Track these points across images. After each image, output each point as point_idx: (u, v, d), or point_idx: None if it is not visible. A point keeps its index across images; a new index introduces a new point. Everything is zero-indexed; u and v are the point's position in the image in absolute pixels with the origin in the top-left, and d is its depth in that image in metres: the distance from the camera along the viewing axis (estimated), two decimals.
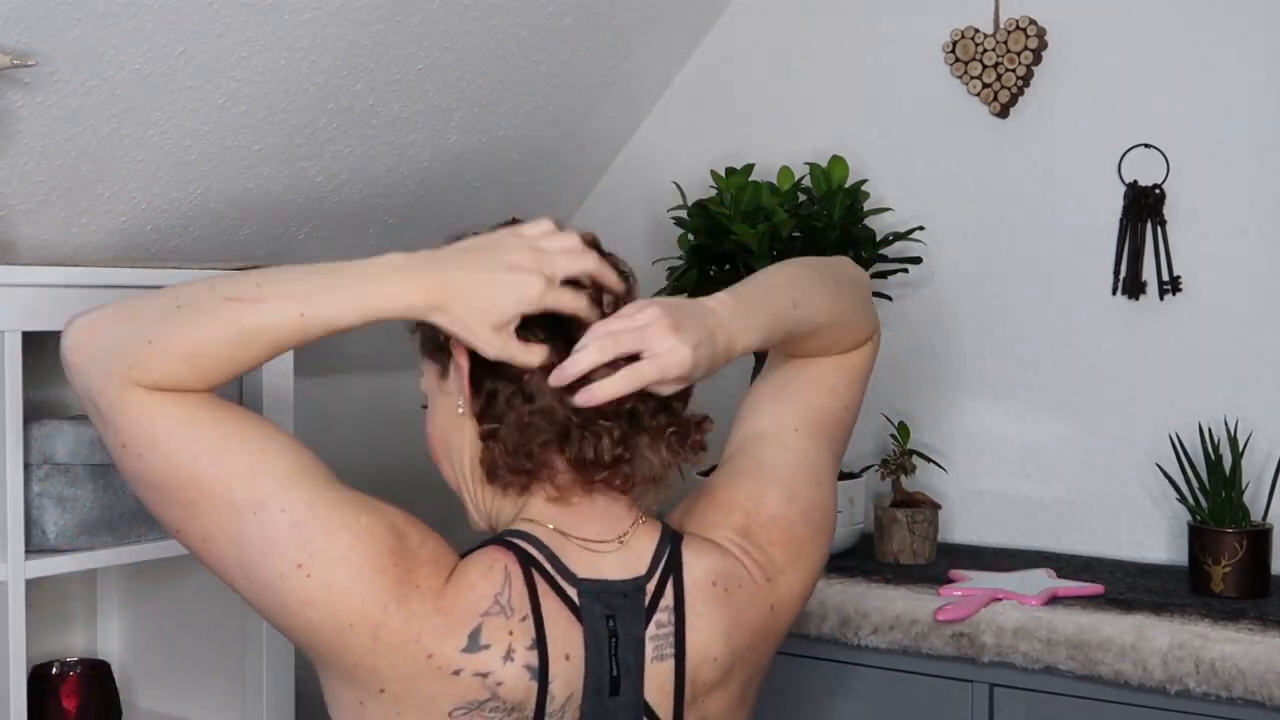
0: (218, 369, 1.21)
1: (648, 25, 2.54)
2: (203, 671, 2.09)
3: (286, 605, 1.20)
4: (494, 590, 1.23)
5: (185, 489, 1.21)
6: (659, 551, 1.32)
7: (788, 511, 1.40)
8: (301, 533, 1.19)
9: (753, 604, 1.36)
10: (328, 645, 1.21)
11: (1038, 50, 2.35)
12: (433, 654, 1.20)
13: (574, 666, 1.25)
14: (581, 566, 1.28)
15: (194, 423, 1.21)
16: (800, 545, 1.40)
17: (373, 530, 1.21)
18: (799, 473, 1.44)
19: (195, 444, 1.21)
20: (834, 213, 2.22)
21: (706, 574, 1.33)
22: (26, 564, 1.76)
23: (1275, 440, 2.17)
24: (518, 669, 1.22)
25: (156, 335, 1.20)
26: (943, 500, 2.37)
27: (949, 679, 1.94)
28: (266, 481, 1.20)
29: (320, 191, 2.31)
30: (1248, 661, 1.73)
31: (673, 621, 1.30)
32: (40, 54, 1.79)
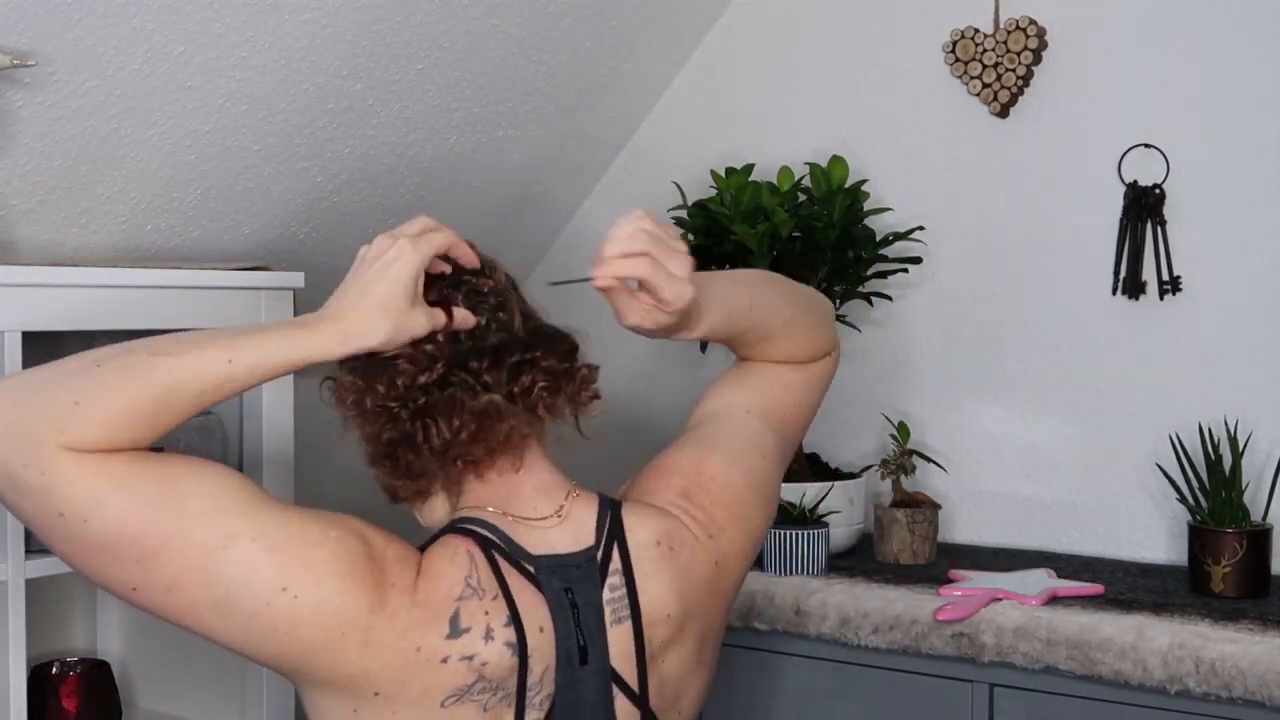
0: (146, 426, 1.19)
1: (648, 25, 2.54)
2: (203, 671, 2.09)
3: (276, 629, 1.20)
4: (463, 574, 1.26)
5: (141, 542, 1.17)
6: (600, 519, 1.36)
7: (730, 474, 1.45)
8: (279, 557, 1.20)
9: (697, 560, 1.39)
10: (321, 659, 1.22)
11: (1038, 50, 2.35)
12: (420, 646, 1.23)
13: (546, 639, 1.29)
14: (533, 543, 1.32)
15: (136, 472, 1.18)
16: (741, 505, 1.44)
17: (344, 540, 1.23)
18: (746, 443, 1.49)
19: (145, 494, 1.18)
20: (834, 213, 2.22)
21: (650, 535, 1.37)
22: (26, 564, 1.76)
23: (1275, 440, 2.17)
24: (499, 647, 1.25)
25: (82, 396, 1.17)
26: (943, 500, 2.37)
27: (949, 679, 1.94)
28: (229, 515, 1.20)
29: (320, 191, 2.31)
30: (1248, 661, 1.73)
31: (624, 584, 1.34)
32: (40, 54, 1.79)
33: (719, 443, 1.48)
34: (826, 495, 2.19)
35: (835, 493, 2.21)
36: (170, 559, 1.18)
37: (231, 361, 1.22)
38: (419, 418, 1.31)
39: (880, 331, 2.50)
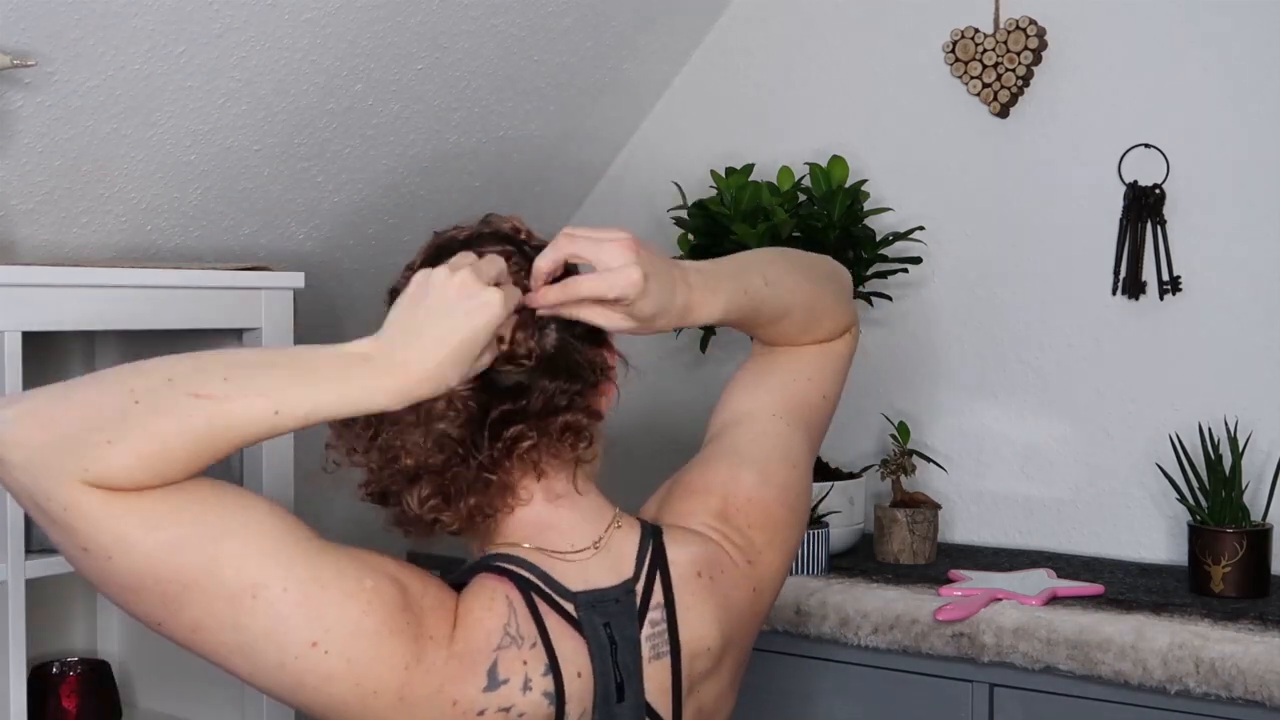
0: (179, 469, 1.11)
1: (648, 25, 2.54)
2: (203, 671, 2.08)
3: (304, 684, 1.14)
4: (501, 622, 1.21)
5: (166, 585, 1.10)
6: (642, 550, 1.31)
7: (764, 493, 1.39)
8: (311, 610, 1.12)
9: (738, 588, 1.36)
10: (351, 714, 1.16)
11: (1038, 50, 2.35)
12: (457, 700, 1.17)
13: (584, 682, 1.24)
14: (572, 579, 1.26)
15: (165, 510, 1.10)
16: (777, 526, 1.40)
17: (380, 590, 1.15)
18: (774, 454, 1.43)
19: (174, 536, 1.10)
20: (834, 213, 2.22)
21: (691, 564, 1.32)
22: (26, 564, 1.76)
23: (1275, 440, 2.17)
24: (537, 697, 1.21)
25: (115, 434, 1.08)
26: (943, 500, 2.37)
27: (949, 679, 1.94)
28: (259, 560, 1.12)
29: (320, 191, 2.31)
30: (1248, 661, 1.73)
31: (665, 619, 1.29)
32: (40, 54, 1.79)
33: (750, 458, 1.42)
34: (826, 495, 2.19)
35: (835, 493, 2.21)
36: (193, 602, 1.11)
37: (278, 414, 1.12)
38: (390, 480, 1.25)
39: (880, 331, 2.50)
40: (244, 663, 1.14)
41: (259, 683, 1.16)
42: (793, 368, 1.49)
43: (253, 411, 1.12)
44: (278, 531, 1.14)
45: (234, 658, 1.14)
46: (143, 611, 1.14)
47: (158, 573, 1.10)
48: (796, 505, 1.43)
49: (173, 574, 1.10)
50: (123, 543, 1.09)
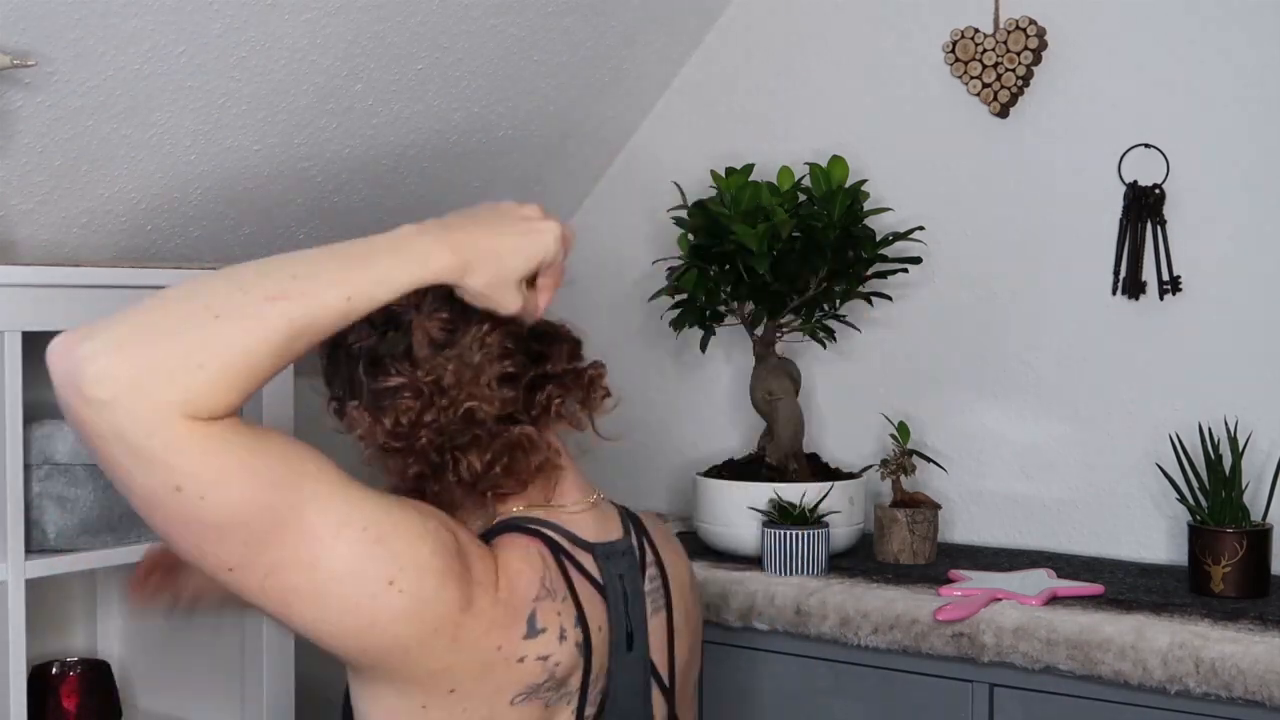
0: (265, 378, 1.12)
1: (648, 25, 2.54)
2: (203, 671, 2.09)
3: (375, 624, 1.16)
4: (538, 575, 1.27)
5: (255, 522, 1.11)
6: (623, 515, 1.42)
7: None
8: (388, 548, 1.15)
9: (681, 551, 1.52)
10: (411, 655, 1.19)
11: (1038, 50, 2.35)
12: (501, 645, 1.22)
13: (604, 636, 1.31)
14: (587, 531, 1.35)
15: (255, 452, 1.11)
16: None
17: (440, 534, 1.20)
18: None
19: (262, 476, 1.10)
20: (834, 213, 2.22)
21: (653, 523, 1.46)
22: (26, 564, 1.76)
23: (1275, 440, 2.17)
24: (570, 647, 1.27)
25: (205, 356, 1.08)
26: (943, 500, 2.37)
27: (949, 679, 1.94)
28: (336, 501, 1.14)
29: (320, 191, 2.31)
30: (1248, 661, 1.73)
31: (660, 575, 1.40)
32: (40, 54, 1.79)
33: None
34: (826, 495, 2.19)
35: (835, 493, 2.21)
36: (279, 543, 1.12)
37: (350, 299, 1.14)
38: (446, 452, 1.28)
39: (880, 331, 2.50)
40: (311, 607, 1.14)
41: (323, 629, 1.16)
42: None
43: (328, 302, 1.13)
44: (342, 476, 1.16)
45: (301, 604, 1.14)
46: (222, 554, 1.12)
47: (250, 510, 1.10)
48: None
49: (264, 511, 1.10)
50: (221, 479, 1.09)
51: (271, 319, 1.11)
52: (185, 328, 1.09)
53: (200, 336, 1.08)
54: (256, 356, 1.10)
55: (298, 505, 1.12)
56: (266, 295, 1.11)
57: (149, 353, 1.07)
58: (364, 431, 1.30)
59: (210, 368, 1.07)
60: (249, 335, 1.10)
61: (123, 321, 1.09)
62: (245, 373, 1.09)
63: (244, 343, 1.09)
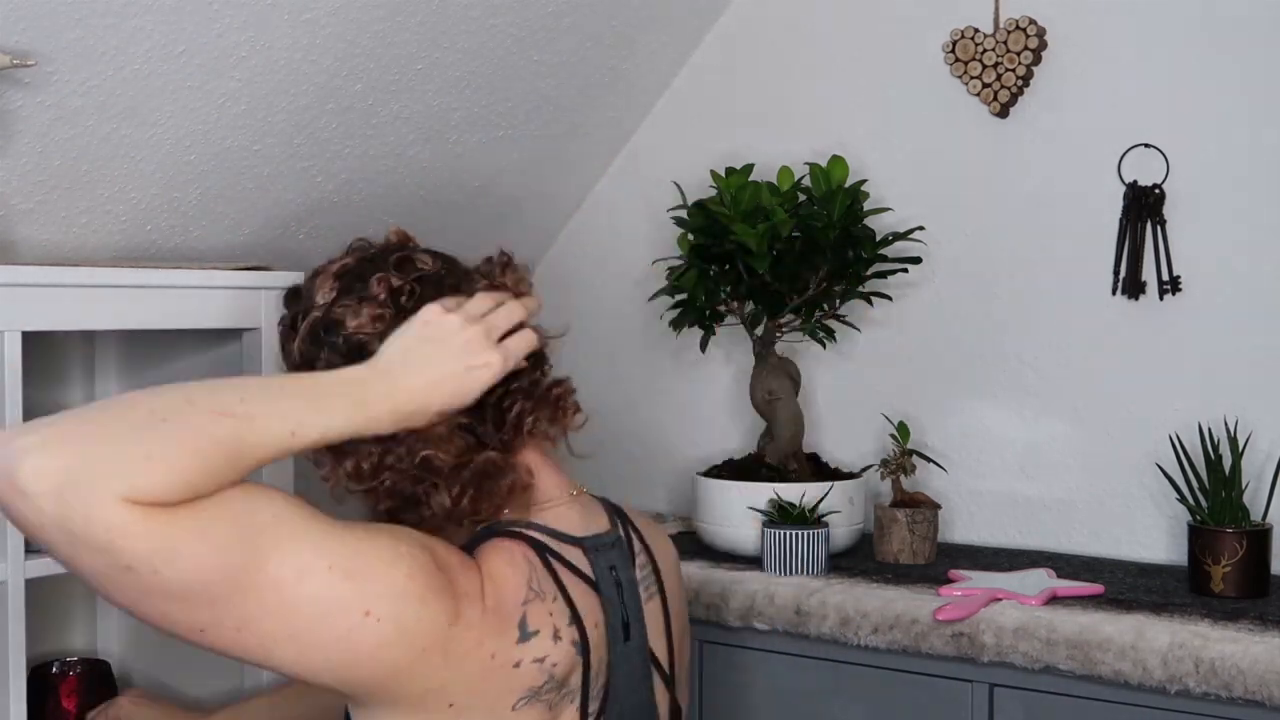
0: (212, 482, 1.13)
1: (648, 25, 2.54)
2: (203, 671, 2.09)
3: (359, 656, 1.17)
4: (524, 578, 1.28)
5: (215, 588, 1.12)
6: (606, 507, 1.44)
7: None
8: (358, 582, 1.16)
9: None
10: (403, 679, 1.20)
11: (1038, 50, 2.35)
12: (495, 653, 1.23)
13: (600, 631, 1.32)
14: (573, 525, 1.36)
15: (208, 518, 1.12)
16: None
17: (414, 555, 1.21)
18: None
19: (218, 538, 1.12)
20: (834, 213, 2.22)
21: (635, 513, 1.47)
22: (26, 564, 1.76)
23: (1275, 440, 2.17)
24: (566, 646, 1.28)
25: (154, 451, 1.10)
26: (943, 500, 2.37)
27: (949, 679, 1.94)
28: (296, 546, 1.15)
29: (320, 191, 2.31)
30: (1248, 661, 1.73)
31: (650, 561, 1.41)
32: (40, 54, 1.79)
33: None
34: (826, 495, 2.19)
35: (835, 493, 2.21)
36: (244, 600, 1.13)
37: (294, 435, 1.19)
38: (411, 490, 1.30)
39: (880, 331, 2.50)
40: (291, 649, 1.16)
41: (307, 668, 1.18)
42: None
43: (273, 430, 1.17)
44: (304, 517, 1.17)
45: (281, 648, 1.16)
46: (187, 620, 1.15)
47: (206, 578, 1.12)
48: None
49: (221, 575, 1.12)
50: (170, 554, 1.10)
51: (221, 431, 1.14)
52: (131, 425, 1.12)
53: (148, 435, 1.11)
54: (207, 460, 1.12)
55: (255, 561, 1.13)
56: (214, 410, 1.15)
57: (93, 445, 1.09)
58: (326, 474, 1.31)
59: (157, 461, 1.10)
60: (199, 440, 1.12)
61: (63, 420, 1.13)
62: (193, 472, 1.11)
63: (194, 445, 1.12)
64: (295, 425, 1.18)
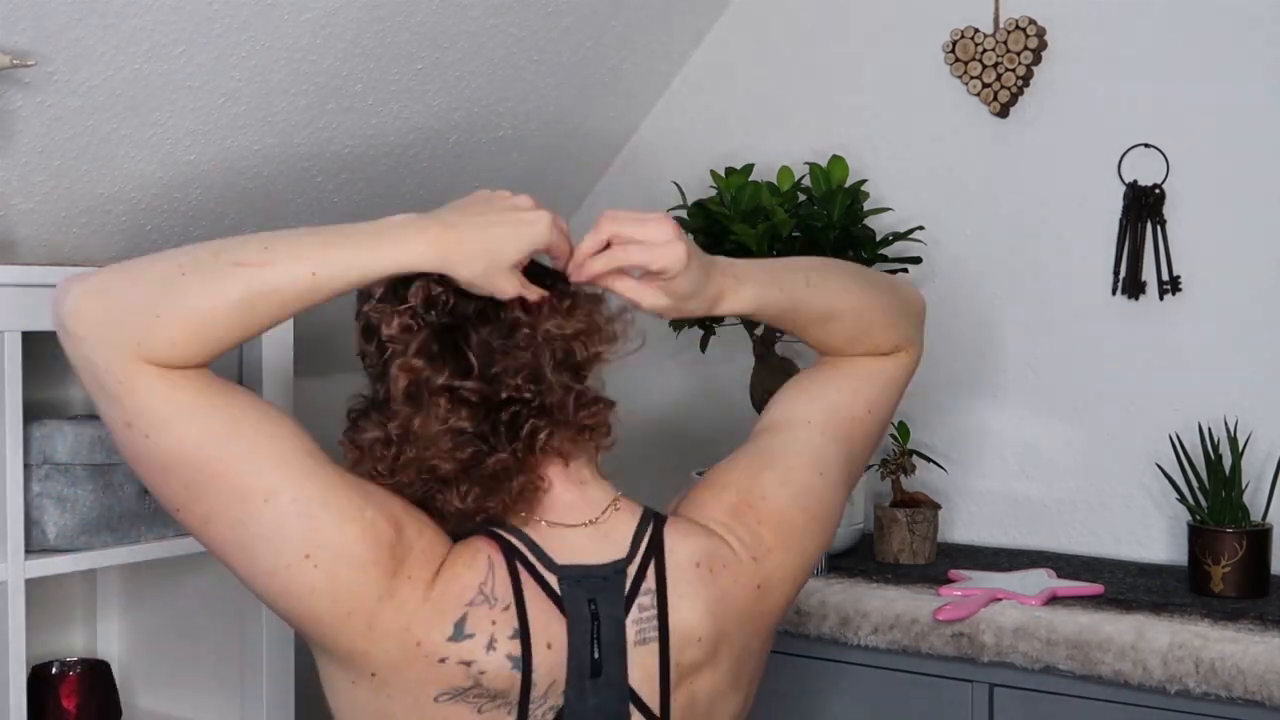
0: (224, 338, 1.19)
1: (648, 25, 2.54)
2: (203, 671, 2.09)
3: (290, 592, 1.22)
4: (478, 580, 1.25)
5: (192, 471, 1.19)
6: (639, 534, 1.33)
7: (780, 494, 1.40)
8: (312, 523, 1.20)
9: (738, 583, 1.36)
10: (325, 630, 1.23)
11: (1038, 50, 2.35)
12: (421, 642, 1.23)
13: (556, 654, 1.27)
14: (562, 552, 1.30)
15: (205, 405, 1.19)
16: (791, 529, 1.39)
17: (376, 523, 1.23)
18: (801, 459, 1.43)
19: (206, 428, 1.19)
20: (834, 213, 2.22)
21: (690, 555, 1.34)
22: (26, 564, 1.76)
23: (1275, 440, 2.17)
24: (499, 659, 1.24)
25: (163, 307, 1.17)
26: (943, 500, 2.37)
27: (949, 679, 1.94)
28: (278, 469, 1.20)
29: (320, 191, 2.31)
30: (1247, 661, 1.73)
31: (655, 604, 1.31)
32: (40, 54, 1.79)
33: (775, 459, 1.42)
34: None
35: None
36: (212, 495, 1.20)
37: (315, 274, 1.20)
38: (427, 488, 1.29)
39: None
40: (243, 561, 1.22)
41: (252, 584, 1.24)
42: (839, 379, 1.49)
43: (291, 274, 1.20)
44: (300, 449, 1.22)
45: (235, 555, 1.23)
46: (167, 494, 1.23)
47: (187, 459, 1.19)
48: (818, 511, 1.42)
49: (200, 463, 1.19)
50: (163, 424, 1.19)
51: (230, 282, 1.18)
52: (155, 281, 1.19)
53: (164, 290, 1.18)
54: (212, 316, 1.18)
55: (235, 463, 1.19)
56: (233, 261, 1.19)
57: (120, 298, 1.19)
58: (349, 466, 1.31)
59: (165, 317, 1.17)
60: (205, 294, 1.18)
61: (111, 270, 1.21)
62: (201, 329, 1.18)
63: (199, 301, 1.18)
64: (316, 264, 1.20)
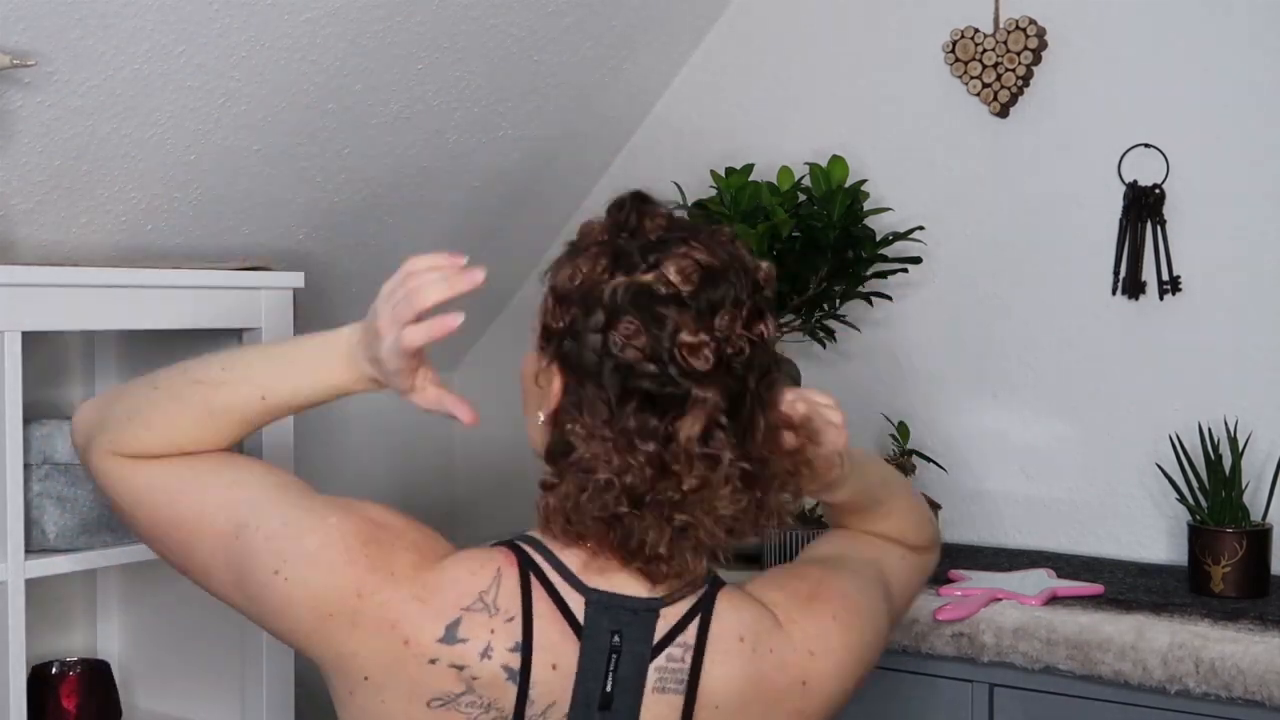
0: (190, 440, 1.36)
1: (648, 25, 2.54)
2: (203, 671, 2.09)
3: (275, 610, 1.29)
4: (479, 588, 1.25)
5: (175, 533, 1.35)
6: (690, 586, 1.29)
7: (859, 599, 1.40)
8: (275, 544, 1.29)
9: (783, 671, 1.31)
10: (313, 640, 1.27)
11: (1038, 50, 2.35)
12: (409, 640, 1.23)
13: (561, 676, 1.24)
14: (592, 576, 1.26)
15: (165, 473, 1.36)
16: (858, 635, 1.37)
17: (342, 526, 1.28)
18: (873, 585, 1.45)
19: (170, 492, 1.35)
20: (834, 213, 2.22)
21: (735, 626, 1.29)
22: (26, 564, 1.76)
23: (1275, 440, 2.17)
24: (494, 668, 1.23)
25: (133, 411, 1.38)
26: (943, 500, 2.37)
27: (949, 679, 1.94)
28: (241, 507, 1.32)
29: (320, 191, 2.31)
30: (1247, 661, 1.73)
31: (687, 660, 1.27)
32: (40, 54, 1.79)
33: (852, 574, 1.43)
34: None
35: None
36: (198, 547, 1.34)
37: (264, 399, 1.37)
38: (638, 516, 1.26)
39: (880, 331, 2.50)
40: (241, 596, 1.33)
41: (253, 616, 1.34)
42: (887, 545, 1.55)
43: (243, 395, 1.37)
44: (265, 485, 1.34)
45: (234, 594, 1.34)
46: (173, 562, 1.38)
47: (166, 523, 1.36)
48: (879, 639, 1.43)
49: (177, 523, 1.35)
50: (137, 500, 1.37)
51: (192, 398, 1.37)
52: (132, 393, 1.42)
53: (137, 399, 1.40)
54: (176, 421, 1.36)
55: (204, 515, 1.33)
56: (194, 379, 1.38)
57: (103, 409, 1.42)
58: None
59: (134, 420, 1.37)
60: (169, 405, 1.37)
61: (106, 390, 1.48)
62: (166, 429, 1.36)
63: (165, 409, 1.37)
64: (265, 389, 1.37)
